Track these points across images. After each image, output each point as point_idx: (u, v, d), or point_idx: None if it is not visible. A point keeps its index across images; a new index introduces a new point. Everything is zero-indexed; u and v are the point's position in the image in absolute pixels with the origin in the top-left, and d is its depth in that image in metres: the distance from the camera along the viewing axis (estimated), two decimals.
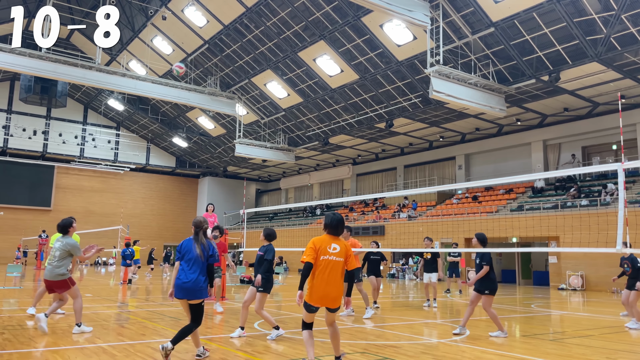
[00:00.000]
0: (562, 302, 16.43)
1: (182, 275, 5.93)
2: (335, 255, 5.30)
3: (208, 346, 6.81)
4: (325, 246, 5.32)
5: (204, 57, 31.50)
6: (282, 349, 6.90)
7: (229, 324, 9.38)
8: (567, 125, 27.87)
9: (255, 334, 8.06)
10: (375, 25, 23.52)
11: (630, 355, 7.22)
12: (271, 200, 52.18)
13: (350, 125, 32.06)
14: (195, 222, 6.16)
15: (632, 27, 18.52)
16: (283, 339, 7.71)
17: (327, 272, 5.25)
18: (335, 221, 5.45)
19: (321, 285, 5.25)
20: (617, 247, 5.76)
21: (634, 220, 16.88)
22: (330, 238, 5.41)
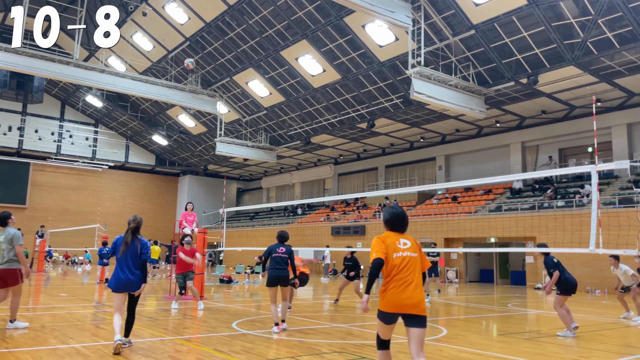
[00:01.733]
0: (538, 302, 16.69)
1: (118, 270, 6.53)
2: (408, 250, 4.45)
3: (185, 346, 6.74)
4: (394, 242, 4.47)
5: (185, 54, 31.20)
6: (259, 349, 6.87)
7: (207, 324, 9.30)
8: (544, 128, 28.32)
9: (233, 334, 8.01)
10: (357, 25, 23.57)
11: (603, 354, 7.36)
12: (252, 199, 51.96)
13: (332, 125, 32.09)
14: (128, 220, 6.77)
15: (608, 32, 18.89)
16: (261, 338, 7.67)
17: (405, 270, 4.36)
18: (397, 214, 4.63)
19: (401, 289, 4.30)
20: (590, 247, 5.87)
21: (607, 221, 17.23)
22: (395, 234, 4.57)
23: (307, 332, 8.46)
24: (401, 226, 4.60)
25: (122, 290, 6.55)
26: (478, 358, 6.63)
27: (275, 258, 8.30)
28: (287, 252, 8.39)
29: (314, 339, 7.76)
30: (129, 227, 6.73)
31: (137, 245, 6.62)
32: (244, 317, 10.24)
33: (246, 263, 32.18)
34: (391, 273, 4.39)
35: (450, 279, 26.47)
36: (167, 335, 7.79)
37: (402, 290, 4.30)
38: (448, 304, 14.41)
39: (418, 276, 4.41)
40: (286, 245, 8.53)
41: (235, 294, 17.09)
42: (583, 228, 17.30)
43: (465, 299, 17.21)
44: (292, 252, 8.50)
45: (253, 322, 9.53)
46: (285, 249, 8.41)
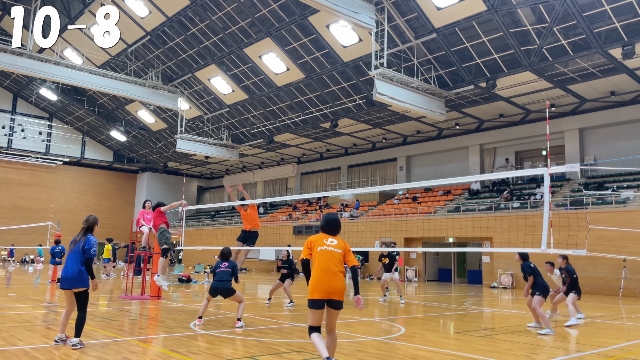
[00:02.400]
0: (494, 300, 17.16)
1: (65, 267, 6.62)
2: (332, 246, 5.18)
3: (141, 347, 6.58)
4: (321, 239, 5.24)
5: (146, 48, 30.49)
6: (217, 349, 6.77)
7: (163, 324, 9.11)
8: (502, 131, 29.16)
9: (191, 334, 7.87)
10: (321, 25, 23.62)
11: (553, 350, 7.63)
12: (213, 197, 51.30)
13: (296, 124, 32.05)
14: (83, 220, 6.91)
15: (562, 40, 19.62)
16: (219, 338, 7.57)
17: (327, 262, 5.08)
18: (330, 220, 5.39)
19: (323, 277, 5.02)
20: (542, 247, 6.07)
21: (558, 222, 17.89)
22: (327, 235, 5.32)
23: (266, 332, 8.41)
24: (331, 230, 5.34)
25: (66, 287, 6.56)
26: (434, 356, 6.75)
27: (218, 273, 8.94)
28: (230, 267, 9.01)
29: (273, 339, 7.72)
30: (82, 227, 6.79)
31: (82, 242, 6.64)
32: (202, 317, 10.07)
33: (206, 262, 31.74)
34: (315, 264, 5.13)
35: (410, 278, 26.88)
36: (122, 336, 7.58)
37: (325, 278, 5.01)
38: (407, 303, 14.63)
39: (339, 268, 5.10)
40: (230, 261, 9.16)
41: (194, 293, 16.82)
42: (536, 229, 17.91)
43: (424, 297, 17.52)
44: (235, 266, 9.11)
45: (212, 322, 9.41)
46: (228, 264, 9.04)
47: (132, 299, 13.18)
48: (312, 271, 5.15)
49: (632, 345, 8.18)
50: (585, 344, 8.18)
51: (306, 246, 5.25)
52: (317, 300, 5.00)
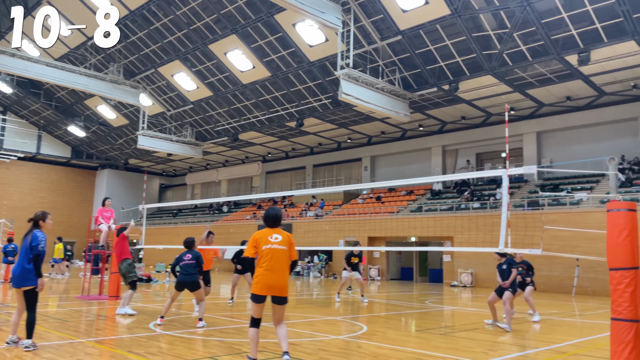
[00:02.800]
0: (454, 298, 17.53)
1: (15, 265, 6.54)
2: (277, 243, 5.45)
3: (97, 348, 6.40)
4: (266, 236, 5.50)
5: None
6: (178, 350, 6.66)
7: (122, 325, 8.90)
8: (463, 133, 29.80)
9: (150, 335, 7.71)
10: (288, 23, 23.54)
11: (509, 347, 7.85)
12: (176, 196, 50.41)
13: (261, 122, 31.85)
14: None
15: (522, 45, 20.20)
16: (179, 339, 7.44)
17: (271, 260, 5.38)
18: (272, 214, 5.66)
19: (268, 274, 5.34)
20: (499, 247, 6.24)
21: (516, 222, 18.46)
22: (271, 230, 5.60)
23: (227, 332, 8.33)
24: (273, 223, 5.64)
25: (15, 285, 6.40)
26: (395, 354, 6.83)
27: (183, 266, 8.63)
28: (194, 258, 8.70)
29: (235, 338, 7.65)
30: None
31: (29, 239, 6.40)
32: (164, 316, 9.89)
33: (167, 262, 31.16)
34: (260, 261, 5.40)
35: (373, 276, 27.14)
36: (77, 338, 7.35)
37: (269, 276, 5.33)
38: (370, 302, 14.76)
39: (283, 264, 5.41)
40: (193, 251, 8.85)
41: (154, 293, 16.49)
42: (495, 229, 18.40)
43: (386, 296, 17.72)
44: (200, 256, 8.83)
45: (172, 322, 9.24)
46: (191, 255, 8.72)
47: (90, 299, 12.81)
48: (256, 268, 5.44)
49: (584, 341, 8.51)
50: (540, 340, 8.46)
51: (252, 244, 5.49)
52: (259, 295, 5.36)
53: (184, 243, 9.01)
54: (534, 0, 18.12)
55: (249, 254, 5.50)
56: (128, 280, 10.18)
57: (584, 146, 25.31)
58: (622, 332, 5.14)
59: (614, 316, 5.24)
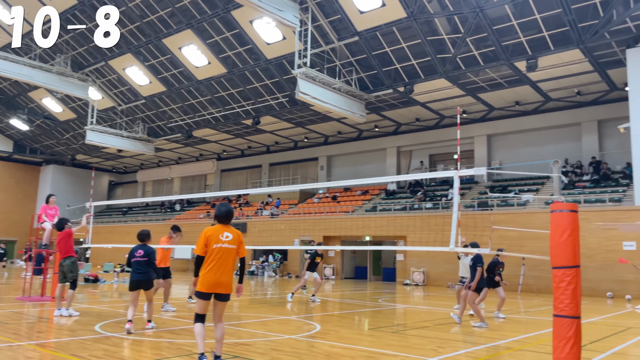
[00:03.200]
0: (406, 297, 17.83)
1: None
2: (227, 242, 5.53)
3: (38, 352, 6.09)
4: (217, 235, 5.52)
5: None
6: (124, 352, 6.44)
7: (66, 327, 8.52)
8: (418, 134, 30.39)
9: (95, 337, 7.42)
10: (245, 20, 23.28)
11: (459, 344, 8.04)
12: (126, 193, 48.96)
13: (216, 120, 31.37)
14: None
15: (474, 50, 20.79)
16: (127, 341, 7.20)
17: (220, 259, 5.46)
18: (224, 211, 5.68)
19: (214, 273, 5.42)
20: (450, 246, 6.37)
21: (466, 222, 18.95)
22: (222, 227, 5.62)
23: (178, 333, 8.13)
24: (226, 219, 5.67)
25: None
26: (348, 352, 6.86)
27: (134, 264, 8.20)
28: (146, 254, 8.25)
29: (185, 339, 7.47)
30: None
31: None
32: (109, 318, 9.56)
33: (116, 261, 30.21)
34: (209, 259, 5.45)
35: (327, 275, 27.26)
36: (17, 341, 6.98)
37: (216, 274, 5.42)
38: (324, 301, 14.80)
39: (230, 263, 5.52)
40: (145, 246, 8.36)
41: (101, 294, 15.93)
42: (446, 228, 18.86)
43: (341, 295, 17.82)
44: (153, 252, 8.36)
45: (120, 323, 8.93)
46: (143, 252, 8.25)
47: (31, 300, 12.22)
48: (203, 265, 5.46)
49: (528, 337, 8.82)
50: (488, 337, 8.70)
51: (202, 241, 5.47)
52: (205, 293, 5.45)
53: (138, 236, 8.49)
54: (486, 6, 18.68)
55: (199, 251, 5.47)
56: (69, 279, 9.72)
57: (531, 149, 26.33)
58: (563, 328, 5.35)
59: (556, 313, 5.44)
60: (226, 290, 5.52)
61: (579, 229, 5.49)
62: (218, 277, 5.44)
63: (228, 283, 5.52)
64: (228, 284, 5.52)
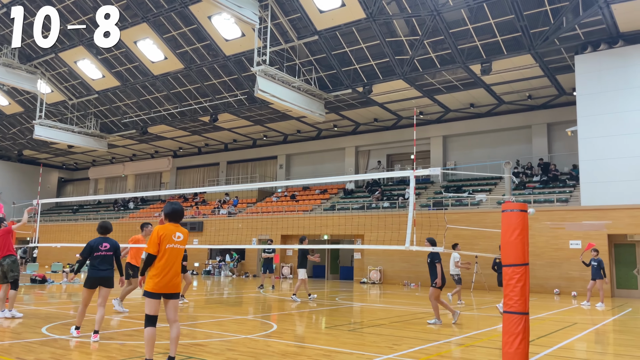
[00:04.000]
0: (363, 295, 18.01)
1: None
2: (179, 243, 5.52)
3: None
4: (170, 235, 5.47)
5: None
6: (72, 355, 6.19)
7: (9, 329, 8.13)
8: (376, 134, 30.75)
9: (42, 340, 7.10)
10: (203, 15, 22.89)
11: (413, 341, 8.17)
12: (77, 190, 47.28)
13: (173, 116, 30.72)
14: None
15: (432, 52, 21.21)
16: (77, 343, 6.93)
17: (172, 259, 5.44)
18: (176, 209, 5.63)
19: (166, 273, 5.38)
20: (405, 244, 6.46)
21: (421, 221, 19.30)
22: (174, 226, 5.56)
23: (130, 334, 7.91)
24: (178, 218, 5.64)
25: None
26: (304, 351, 6.85)
27: (98, 258, 7.38)
28: (113, 248, 7.53)
29: (137, 341, 7.26)
30: None
31: None
32: (57, 320, 9.20)
33: (65, 261, 29.12)
34: (161, 259, 5.38)
35: (285, 274, 27.19)
36: None
37: (168, 275, 5.38)
38: (281, 300, 14.76)
39: (179, 263, 5.54)
40: (109, 239, 7.63)
41: (49, 295, 15.31)
42: (402, 227, 19.15)
43: (298, 294, 17.77)
44: (118, 247, 7.68)
45: (68, 325, 8.59)
46: (109, 245, 7.52)
47: None
48: (154, 264, 5.40)
49: (480, 333, 9.07)
50: (440, 333, 8.89)
51: (155, 240, 5.40)
52: (155, 293, 5.38)
53: (101, 228, 7.68)
54: (443, 10, 19.09)
55: (152, 250, 5.36)
56: (10, 279, 9.28)
57: (485, 150, 27.11)
58: (513, 324, 5.52)
59: (506, 309, 5.61)
60: (177, 289, 5.52)
61: (528, 228, 5.68)
62: (170, 277, 5.41)
63: (178, 282, 5.54)
64: (178, 283, 5.54)
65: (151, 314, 5.38)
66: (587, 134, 19.77)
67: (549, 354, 7.14)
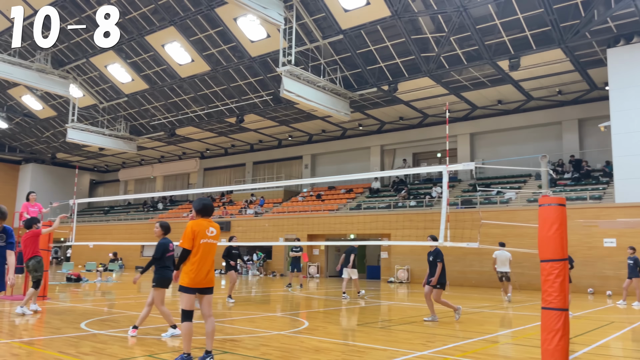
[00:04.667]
0: (391, 294, 17.93)
1: None
2: (212, 238, 5.61)
3: (24, 349, 5.97)
4: (203, 230, 5.55)
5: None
6: (112, 349, 6.35)
7: (50, 325, 8.37)
8: (401, 133, 30.56)
9: (81, 335, 7.31)
10: (229, 17, 23.13)
11: (446, 338, 8.10)
12: (107, 192, 48.31)
13: (200, 118, 31.12)
14: None
15: (458, 49, 20.97)
16: (113, 338, 7.11)
17: (207, 254, 5.52)
18: (207, 205, 5.75)
19: (202, 268, 5.46)
20: (439, 240, 6.41)
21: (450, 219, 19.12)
22: (206, 222, 5.65)
23: (166, 330, 8.05)
24: (209, 213, 5.74)
25: None
26: (337, 347, 6.87)
27: (170, 257, 7.33)
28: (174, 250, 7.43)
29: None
30: None
31: None
32: (94, 316, 9.43)
33: (98, 260, 29.79)
34: (197, 254, 5.46)
35: (312, 273, 27.25)
36: (2, 338, 6.84)
37: (202, 270, 5.47)
38: (309, 298, 14.80)
39: (212, 258, 5.62)
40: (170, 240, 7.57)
41: (84, 293, 15.69)
42: (430, 225, 19.01)
43: (325, 292, 17.83)
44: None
45: (105, 321, 8.81)
46: (173, 245, 7.43)
47: (13, 299, 11.98)
48: (190, 260, 5.46)
49: (514, 331, 8.94)
50: (474, 331, 8.80)
51: (189, 235, 5.47)
52: (191, 288, 5.46)
53: (167, 228, 7.55)
54: (469, 6, 18.86)
55: (187, 245, 5.43)
56: (33, 278, 9.61)
57: (513, 148, 26.67)
58: (552, 320, 5.43)
59: (544, 305, 5.52)
60: (211, 284, 5.60)
61: (566, 223, 5.59)
62: (205, 272, 5.50)
63: (212, 277, 5.63)
64: (212, 278, 5.63)
65: (187, 308, 5.45)
66: (621, 129, 19.27)
67: (588, 352, 7.00)
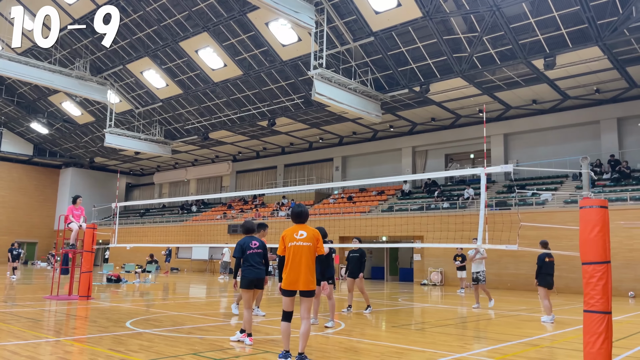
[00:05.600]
0: (424, 296, 17.84)
1: None
2: (302, 240, 5.75)
3: (76, 347, 6.26)
4: (291, 234, 5.82)
5: (73, 37, 28.89)
6: (159, 347, 6.59)
7: (96, 323, 8.72)
8: (433, 134, 30.32)
9: (128, 333, 7.59)
10: (261, 22, 23.48)
11: (485, 340, 8.08)
12: (143, 195, 49.50)
13: (232, 121, 31.63)
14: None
15: (491, 49, 20.73)
16: (159, 337, 7.36)
17: (297, 256, 5.70)
18: (296, 211, 5.97)
19: (292, 270, 5.68)
20: (478, 242, 6.42)
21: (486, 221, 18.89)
22: (297, 226, 5.90)
23: (207, 330, 8.28)
24: (300, 219, 5.96)
25: None
26: (376, 348, 6.94)
27: (250, 255, 6.92)
28: (262, 247, 7.07)
29: (215, 336, 7.61)
30: None
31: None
32: (137, 316, 9.75)
33: (136, 261, 30.57)
34: (288, 258, 5.76)
35: (344, 276, 27.28)
36: (53, 336, 7.18)
37: (294, 272, 5.67)
38: (343, 300, 14.87)
39: (307, 260, 5.72)
40: (256, 237, 7.17)
41: (124, 293, 16.18)
42: (463, 227, 18.83)
43: (358, 294, 17.85)
44: (266, 246, 7.17)
45: (148, 320, 9.11)
46: (258, 243, 7.04)
47: (59, 299, 12.48)
48: (285, 264, 5.77)
49: (554, 335, 8.82)
50: (512, 334, 8.72)
51: (281, 242, 5.86)
52: (286, 290, 5.73)
53: (245, 229, 7.21)
54: (502, 5, 18.63)
55: (279, 252, 5.85)
56: None
57: (549, 148, 26.13)
58: (594, 324, 5.37)
59: (587, 308, 5.46)
60: (306, 287, 5.68)
61: (608, 225, 5.52)
62: (296, 274, 5.68)
63: (307, 279, 5.68)
64: (307, 280, 5.68)
65: (286, 309, 5.75)
66: None
67: (630, 355, 6.87)
